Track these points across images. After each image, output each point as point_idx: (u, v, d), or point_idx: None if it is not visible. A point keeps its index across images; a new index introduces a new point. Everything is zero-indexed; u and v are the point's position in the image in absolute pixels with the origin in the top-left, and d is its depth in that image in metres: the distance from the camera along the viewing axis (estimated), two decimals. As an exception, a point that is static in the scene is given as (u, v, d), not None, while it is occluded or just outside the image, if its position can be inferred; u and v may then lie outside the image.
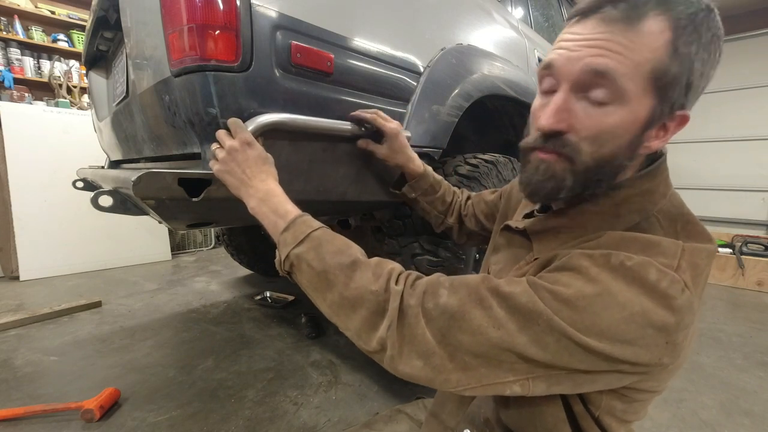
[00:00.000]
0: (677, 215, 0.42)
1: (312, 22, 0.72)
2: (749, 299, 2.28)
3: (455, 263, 1.07)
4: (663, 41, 0.37)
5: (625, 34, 0.37)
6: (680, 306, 0.34)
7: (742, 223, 3.71)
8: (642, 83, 0.38)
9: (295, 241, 0.47)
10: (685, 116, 0.40)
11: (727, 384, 1.34)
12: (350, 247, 0.47)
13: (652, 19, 0.36)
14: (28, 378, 1.27)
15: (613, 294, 0.34)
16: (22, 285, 2.23)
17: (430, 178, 0.84)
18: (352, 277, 0.43)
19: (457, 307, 0.38)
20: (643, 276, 0.34)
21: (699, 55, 0.37)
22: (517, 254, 0.52)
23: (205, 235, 3.23)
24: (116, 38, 1.10)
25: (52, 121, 2.36)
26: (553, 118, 0.41)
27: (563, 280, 0.36)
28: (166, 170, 0.60)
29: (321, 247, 0.46)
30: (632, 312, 0.33)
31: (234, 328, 1.67)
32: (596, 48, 0.38)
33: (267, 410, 1.12)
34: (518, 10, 1.64)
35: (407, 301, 0.40)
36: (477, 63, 1.12)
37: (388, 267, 0.44)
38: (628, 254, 0.36)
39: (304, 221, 0.49)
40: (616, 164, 0.42)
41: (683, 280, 0.35)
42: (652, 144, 0.41)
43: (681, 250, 0.37)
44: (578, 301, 0.34)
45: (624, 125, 0.39)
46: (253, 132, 0.65)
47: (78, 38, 3.19)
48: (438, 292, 0.40)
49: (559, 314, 0.34)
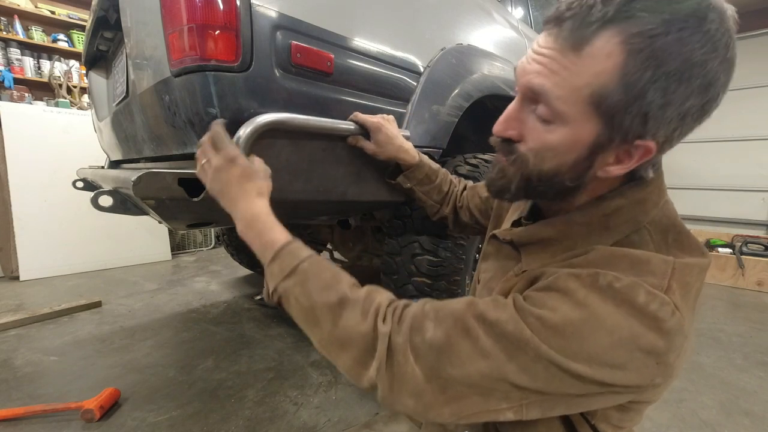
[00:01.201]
0: (669, 226, 0.41)
1: (312, 22, 0.72)
2: (749, 299, 2.28)
3: (455, 263, 1.07)
4: (609, 65, 0.33)
5: (567, 54, 0.35)
6: (670, 329, 0.33)
7: (742, 223, 3.71)
8: (581, 107, 0.36)
9: (282, 274, 0.45)
10: (648, 147, 0.36)
11: (727, 384, 1.34)
12: (339, 281, 0.44)
13: (602, 39, 0.33)
14: (28, 378, 1.27)
15: (601, 319, 0.33)
16: (22, 285, 2.23)
17: (426, 168, 0.83)
18: (341, 316, 0.41)
19: (444, 340, 0.37)
20: (632, 298, 0.33)
21: (658, 84, 0.32)
22: (505, 265, 0.51)
23: (205, 235, 3.23)
24: (116, 38, 1.10)
25: (52, 121, 2.36)
26: (502, 126, 0.42)
27: (550, 303, 0.35)
28: (166, 170, 0.60)
29: (308, 283, 0.44)
30: (620, 337, 0.33)
31: (234, 328, 1.67)
32: (540, 65, 0.37)
33: (267, 410, 1.12)
34: (518, 10, 1.64)
35: (395, 339, 0.39)
36: (477, 63, 1.12)
37: (376, 302, 0.42)
38: (616, 275, 0.35)
39: (291, 251, 0.46)
40: (557, 182, 0.41)
41: (673, 302, 0.34)
42: (611, 170, 0.39)
43: (671, 269, 0.35)
44: (565, 327, 0.33)
45: (565, 145, 0.38)
46: (253, 131, 0.64)
47: (78, 38, 3.19)
48: (424, 327, 0.39)
49: (546, 342, 0.34)
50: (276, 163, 0.74)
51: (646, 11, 0.32)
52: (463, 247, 1.08)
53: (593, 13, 0.33)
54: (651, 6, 0.32)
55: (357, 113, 0.81)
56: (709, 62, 0.32)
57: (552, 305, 0.35)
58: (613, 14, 0.32)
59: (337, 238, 1.73)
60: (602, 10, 0.33)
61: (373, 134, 0.80)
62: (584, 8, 0.34)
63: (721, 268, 2.54)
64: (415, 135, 0.93)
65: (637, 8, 0.32)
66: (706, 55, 0.32)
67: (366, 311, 0.41)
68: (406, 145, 0.82)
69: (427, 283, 1.06)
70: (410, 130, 0.93)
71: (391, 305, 0.42)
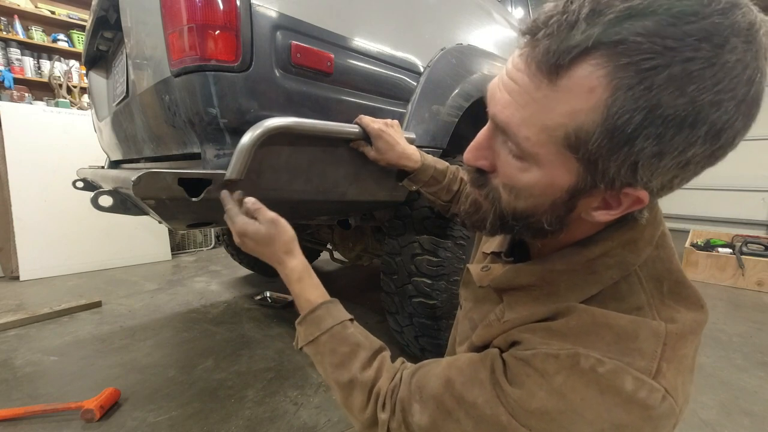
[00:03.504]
0: (664, 273, 0.36)
1: (312, 22, 0.72)
2: (749, 299, 2.28)
3: (455, 263, 1.07)
4: (590, 103, 0.27)
5: (540, 85, 0.28)
6: (659, 415, 0.30)
7: (742, 223, 3.71)
8: (554, 149, 0.30)
9: (306, 340, 0.50)
10: (639, 198, 0.30)
11: (727, 384, 1.34)
12: (353, 358, 0.48)
13: (583, 69, 0.26)
14: (28, 378, 1.27)
15: (579, 411, 0.30)
16: (22, 285, 2.23)
17: (431, 170, 0.82)
18: (349, 397, 0.46)
19: (430, 424, 0.39)
20: (619, 386, 0.30)
21: (651, 130, 0.26)
22: (485, 299, 0.47)
23: (205, 235, 3.23)
24: (116, 38, 1.10)
25: (52, 121, 2.36)
26: (472, 155, 0.37)
27: (527, 384, 0.33)
28: (166, 170, 0.60)
29: (324, 357, 0.49)
30: (602, 429, 0.30)
31: (234, 328, 1.67)
32: (509, 95, 0.31)
33: (267, 410, 1.12)
34: (518, 10, 1.64)
35: (391, 425, 0.42)
36: (477, 63, 1.12)
37: (377, 386, 0.45)
38: (599, 357, 0.31)
39: (315, 319, 0.51)
40: (534, 222, 0.36)
41: (663, 388, 0.30)
42: (596, 215, 0.33)
43: (662, 347, 0.31)
44: (543, 416, 0.32)
45: (540, 187, 0.33)
46: (259, 136, 0.65)
47: (78, 38, 3.19)
48: (412, 410, 0.40)
49: (525, 424, 0.33)
50: (276, 163, 0.74)
51: (643, 34, 0.24)
52: (463, 247, 1.08)
53: (574, 35, 0.26)
54: (650, 27, 0.24)
55: (362, 117, 0.81)
56: (723, 104, 0.25)
57: (529, 388, 0.33)
58: (600, 37, 0.25)
59: (337, 238, 1.73)
60: (586, 32, 0.25)
61: (374, 141, 0.80)
62: (564, 27, 0.26)
63: (721, 268, 2.54)
64: (415, 135, 0.93)
65: (631, 29, 0.24)
66: (719, 95, 0.24)
67: (369, 397, 0.45)
68: (408, 151, 0.81)
69: (427, 283, 1.06)
70: (410, 130, 0.93)
71: (389, 388, 0.44)
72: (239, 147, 0.64)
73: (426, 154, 0.84)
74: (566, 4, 0.27)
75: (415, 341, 1.18)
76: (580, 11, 0.26)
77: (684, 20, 0.24)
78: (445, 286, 1.06)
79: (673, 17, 0.24)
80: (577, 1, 0.26)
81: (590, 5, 0.26)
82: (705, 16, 0.24)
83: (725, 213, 3.83)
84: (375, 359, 0.48)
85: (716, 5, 0.24)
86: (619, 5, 0.25)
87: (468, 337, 0.46)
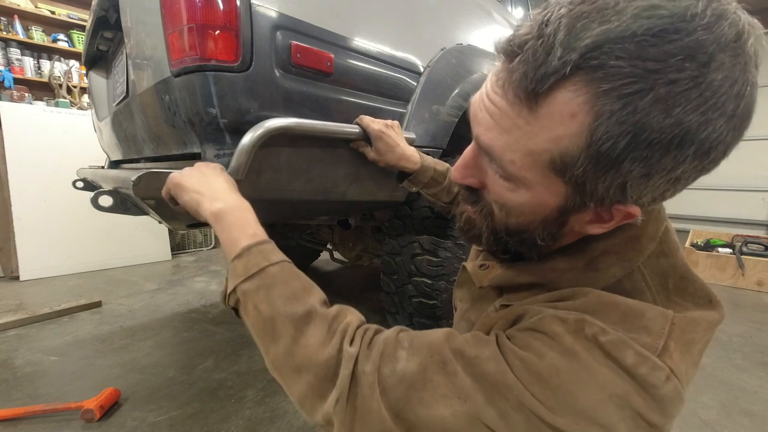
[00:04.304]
0: (668, 269, 0.34)
1: (312, 22, 0.72)
2: (749, 299, 2.28)
3: (455, 263, 1.07)
4: (572, 129, 0.26)
5: (519, 111, 0.28)
6: (663, 396, 0.28)
7: (742, 223, 3.71)
8: (540, 172, 0.29)
9: (246, 274, 0.39)
10: (630, 213, 0.30)
11: (727, 384, 1.34)
12: (309, 293, 0.39)
13: (563, 95, 0.25)
14: (28, 378, 1.27)
15: (591, 371, 0.28)
16: (22, 285, 2.23)
17: (430, 172, 0.82)
18: (303, 332, 0.36)
19: (418, 373, 0.32)
20: (619, 358, 0.28)
21: (636, 154, 0.25)
22: (482, 297, 0.46)
23: (205, 235, 3.23)
24: (116, 38, 1.10)
25: (52, 121, 2.36)
26: (459, 173, 0.36)
27: (535, 345, 0.31)
28: (166, 170, 0.60)
29: (273, 289, 0.38)
30: (612, 393, 0.28)
31: (234, 328, 1.67)
32: (489, 115, 0.30)
33: (267, 410, 1.12)
34: (518, 10, 1.64)
35: (362, 366, 0.33)
36: (477, 63, 1.12)
37: (346, 320, 0.37)
38: (603, 326, 0.29)
39: (261, 251, 0.41)
40: (527, 238, 0.35)
41: (668, 367, 0.28)
42: (589, 228, 0.33)
43: (669, 326, 0.30)
44: (552, 377, 0.29)
45: (529, 207, 0.33)
46: (260, 136, 0.65)
47: (78, 38, 3.19)
48: (396, 355, 0.34)
49: (530, 389, 0.29)
50: (276, 163, 0.74)
51: (623, 57, 0.23)
52: (463, 247, 1.08)
53: (550, 62, 0.25)
54: (630, 50, 0.23)
55: (363, 117, 0.81)
56: (711, 122, 0.24)
57: (537, 348, 0.30)
58: (578, 62, 0.24)
59: (337, 238, 1.73)
60: (562, 58, 0.24)
61: (374, 142, 0.80)
62: (539, 53, 0.25)
63: (721, 268, 2.54)
64: (415, 135, 0.93)
65: (609, 53, 0.23)
66: (707, 114, 0.24)
67: (333, 330, 0.36)
68: (407, 153, 0.81)
69: (427, 283, 1.06)
70: (410, 130, 0.93)
71: (362, 327, 0.38)
72: (240, 147, 0.64)
73: (426, 156, 0.84)
74: (541, 26, 0.26)
75: (415, 341, 1.18)
76: (555, 35, 0.25)
77: (666, 39, 0.23)
78: (445, 286, 1.06)
79: (654, 37, 0.23)
80: (552, 24, 0.25)
81: (566, 29, 0.24)
82: (688, 32, 0.23)
83: (725, 213, 3.83)
84: (332, 305, 0.41)
85: (700, 20, 0.23)
86: (597, 28, 0.24)
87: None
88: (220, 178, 0.52)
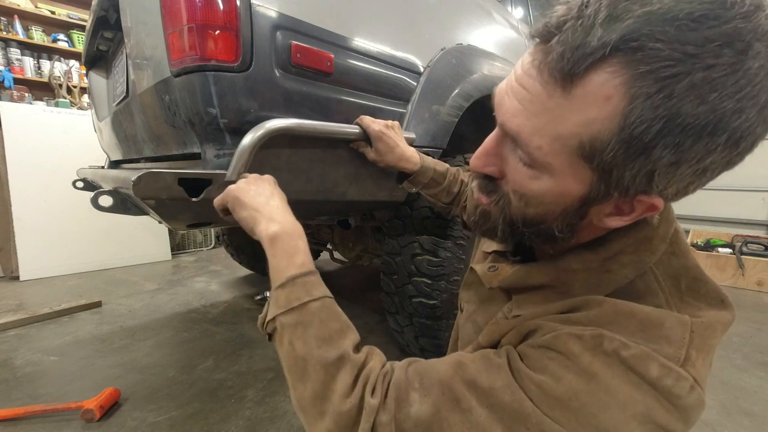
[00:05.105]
0: (680, 270, 0.34)
1: (312, 22, 0.72)
2: (749, 299, 2.28)
3: (455, 263, 1.07)
4: (606, 112, 0.26)
5: (553, 93, 0.27)
6: (687, 406, 0.28)
7: (742, 223, 3.71)
8: (567, 158, 0.29)
9: (288, 305, 0.39)
10: (654, 204, 0.30)
11: (727, 384, 1.34)
12: (344, 336, 0.38)
13: (599, 77, 0.25)
14: (28, 378, 1.27)
15: (612, 392, 0.28)
16: (22, 285, 2.22)
17: (430, 173, 0.82)
18: (333, 378, 0.35)
19: (432, 415, 0.32)
20: (643, 371, 0.28)
21: (669, 139, 0.25)
22: (491, 299, 0.45)
23: (205, 235, 3.23)
24: (116, 38, 1.11)
25: (52, 121, 2.36)
26: (480, 161, 0.36)
27: (551, 367, 0.30)
28: (166, 170, 0.60)
29: (310, 328, 0.38)
30: (634, 413, 0.28)
31: (234, 328, 1.67)
32: (519, 103, 0.30)
33: (267, 410, 1.12)
34: (518, 10, 1.64)
35: (379, 417, 0.33)
36: (477, 63, 1.12)
37: (369, 366, 0.37)
38: (623, 340, 0.29)
39: (305, 283, 0.41)
40: (545, 229, 0.35)
41: (692, 377, 0.28)
42: (608, 221, 0.33)
43: (690, 335, 0.29)
44: (571, 401, 0.28)
45: (551, 195, 0.32)
46: (261, 137, 0.65)
47: (78, 38, 3.19)
48: (409, 399, 0.33)
49: (549, 414, 0.28)
50: (277, 164, 0.74)
51: (663, 41, 0.23)
52: (463, 247, 1.08)
53: (589, 42, 0.25)
54: (670, 33, 0.23)
55: (363, 117, 0.80)
56: (745, 111, 0.24)
57: (554, 371, 0.30)
58: (617, 44, 0.24)
59: (337, 238, 1.73)
60: (602, 38, 0.24)
61: (374, 142, 0.80)
62: (579, 33, 0.25)
63: (721, 268, 2.54)
64: (416, 135, 0.93)
65: (650, 35, 0.23)
66: (741, 102, 0.23)
67: (357, 378, 0.36)
68: (407, 153, 0.81)
69: (427, 283, 1.06)
70: (410, 130, 0.93)
71: (383, 370, 0.37)
72: (240, 148, 0.64)
73: (426, 156, 0.84)
74: (581, 8, 0.26)
75: (415, 341, 1.18)
76: (596, 16, 0.25)
77: (705, 25, 0.23)
78: (445, 286, 1.06)
79: (693, 22, 0.23)
80: (593, 5, 0.25)
81: (607, 10, 0.24)
82: (727, 20, 0.23)
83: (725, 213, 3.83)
84: (364, 345, 0.41)
85: (739, 8, 0.23)
86: (638, 10, 0.24)
87: (472, 341, 0.44)
88: (276, 196, 0.52)
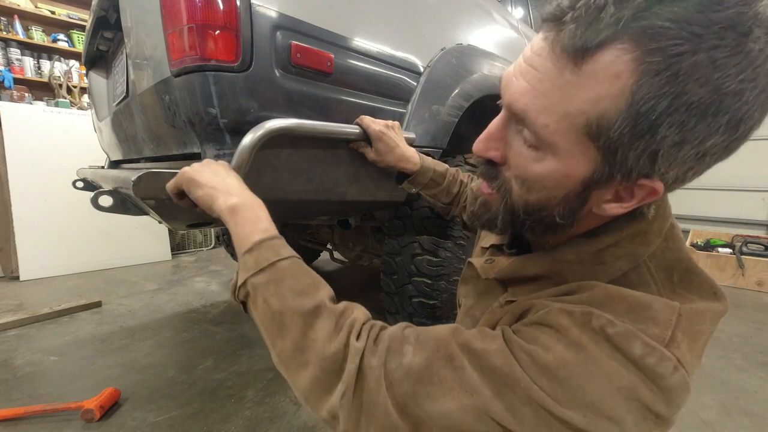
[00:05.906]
0: (673, 262, 0.35)
1: (312, 22, 0.72)
2: (749, 299, 2.28)
3: (455, 263, 1.07)
4: (615, 89, 0.26)
5: (563, 70, 0.28)
6: (670, 387, 0.28)
7: (742, 223, 3.71)
8: (573, 137, 0.30)
9: (256, 267, 0.40)
10: (654, 189, 0.30)
11: (727, 384, 1.34)
12: (318, 288, 0.39)
13: (610, 53, 0.26)
14: (28, 378, 1.27)
15: (598, 364, 0.29)
16: (22, 285, 2.22)
17: (430, 173, 0.82)
18: (312, 326, 0.36)
19: (424, 367, 0.32)
20: (626, 349, 0.29)
21: (675, 117, 0.26)
22: (488, 292, 0.46)
23: (205, 235, 3.23)
24: (116, 38, 1.11)
25: (52, 121, 2.36)
26: (483, 145, 0.37)
27: (542, 339, 0.31)
28: (166, 170, 0.60)
29: (283, 283, 0.38)
30: (620, 386, 0.28)
31: (234, 328, 1.67)
32: (527, 83, 0.31)
33: (267, 410, 1.12)
34: (518, 10, 1.64)
35: (368, 361, 0.34)
36: (477, 63, 1.12)
37: (352, 316, 0.38)
38: (610, 318, 0.30)
39: (272, 246, 0.41)
40: (546, 216, 0.35)
41: (676, 357, 0.29)
42: (607, 208, 0.33)
43: (677, 317, 0.30)
44: (559, 369, 0.29)
45: (554, 178, 0.33)
46: (261, 137, 0.65)
47: (78, 38, 3.19)
48: (402, 350, 0.34)
49: (537, 382, 0.29)
50: (277, 164, 0.74)
51: (672, 20, 0.24)
52: (463, 247, 1.08)
53: (603, 18, 0.26)
54: (679, 13, 0.24)
55: (363, 117, 0.80)
56: (745, 93, 0.25)
57: (544, 342, 0.31)
58: (629, 21, 0.25)
59: (337, 238, 1.73)
60: (615, 14, 0.25)
61: (374, 143, 0.80)
62: (592, 10, 0.26)
63: (721, 268, 2.54)
64: (415, 135, 0.93)
65: (660, 15, 0.24)
66: (742, 84, 0.25)
67: (340, 325, 0.36)
68: (407, 154, 0.81)
69: (427, 283, 1.06)
70: (410, 130, 0.93)
71: (368, 322, 0.38)
72: (240, 148, 0.64)
73: (426, 157, 0.84)
74: None
75: (415, 341, 1.18)
76: None
77: (711, 8, 0.24)
78: (445, 286, 1.06)
79: (700, 5, 0.24)
80: None
81: None
82: (730, 5, 0.24)
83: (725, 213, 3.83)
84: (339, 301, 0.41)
85: None
86: None
87: None
88: (232, 176, 0.52)
